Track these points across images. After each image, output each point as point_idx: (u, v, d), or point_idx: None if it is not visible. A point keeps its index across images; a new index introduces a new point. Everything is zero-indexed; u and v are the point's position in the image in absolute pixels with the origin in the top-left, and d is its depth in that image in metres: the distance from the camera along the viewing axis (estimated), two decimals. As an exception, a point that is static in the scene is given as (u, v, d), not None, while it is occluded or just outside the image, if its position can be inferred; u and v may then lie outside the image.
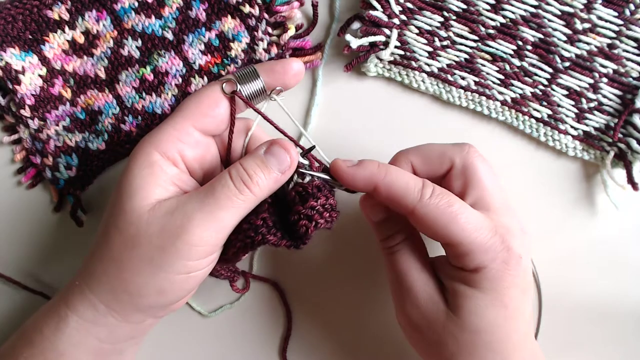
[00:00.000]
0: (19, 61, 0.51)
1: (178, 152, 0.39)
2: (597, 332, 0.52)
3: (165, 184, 0.38)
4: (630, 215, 0.52)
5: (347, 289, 0.53)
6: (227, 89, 0.40)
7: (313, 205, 0.38)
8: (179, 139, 0.39)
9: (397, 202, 0.39)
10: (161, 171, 0.38)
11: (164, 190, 0.38)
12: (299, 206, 0.38)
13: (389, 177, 0.39)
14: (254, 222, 0.38)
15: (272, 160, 0.38)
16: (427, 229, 0.39)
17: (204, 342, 0.54)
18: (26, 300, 0.53)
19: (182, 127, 0.39)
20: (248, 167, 0.38)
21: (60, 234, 0.54)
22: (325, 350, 0.53)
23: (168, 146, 0.39)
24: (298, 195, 0.39)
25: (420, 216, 0.39)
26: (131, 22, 0.52)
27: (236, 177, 0.37)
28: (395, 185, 0.39)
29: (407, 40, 0.52)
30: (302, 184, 0.39)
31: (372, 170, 0.39)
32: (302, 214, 0.38)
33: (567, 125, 0.52)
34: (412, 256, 0.42)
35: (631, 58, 0.51)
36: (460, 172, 0.41)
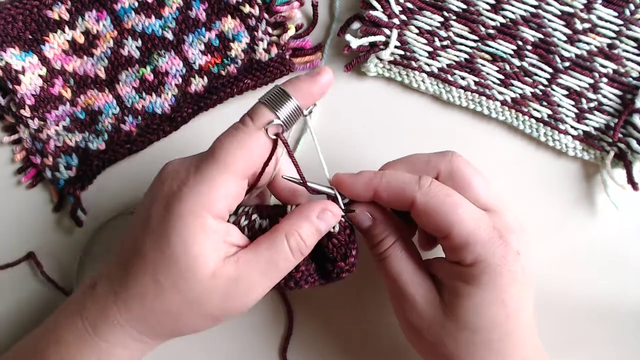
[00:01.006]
0: (19, 61, 0.51)
1: (227, 208, 0.38)
2: (597, 332, 0.52)
3: (218, 246, 0.38)
4: (630, 215, 0.52)
5: (348, 289, 0.53)
6: (272, 131, 0.37)
7: (352, 261, 0.42)
8: (228, 196, 0.38)
9: (398, 197, 0.40)
10: (214, 233, 0.37)
11: (218, 252, 0.38)
12: (341, 263, 0.41)
13: (385, 178, 0.41)
14: (293, 275, 0.41)
15: (322, 226, 0.40)
16: (427, 218, 0.39)
17: (204, 342, 0.54)
18: (30, 292, 0.54)
19: (231, 182, 0.37)
20: (306, 238, 0.39)
21: (60, 234, 0.54)
22: (326, 350, 0.53)
23: (221, 207, 0.37)
24: (336, 248, 0.41)
25: (421, 205, 0.39)
26: (131, 22, 0.52)
27: (296, 250, 0.39)
28: (393, 183, 0.40)
29: (407, 40, 0.52)
30: (335, 235, 0.41)
31: (369, 176, 0.41)
32: (345, 269, 0.42)
33: (567, 125, 0.52)
34: (403, 259, 0.42)
35: (631, 58, 0.51)
36: (448, 178, 0.42)
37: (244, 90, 0.53)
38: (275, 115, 0.37)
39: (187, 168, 0.38)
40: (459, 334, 0.39)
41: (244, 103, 0.54)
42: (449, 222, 0.39)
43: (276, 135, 0.37)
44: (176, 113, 0.53)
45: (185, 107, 0.53)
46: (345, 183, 0.42)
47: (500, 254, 0.39)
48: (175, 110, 0.53)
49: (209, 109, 0.53)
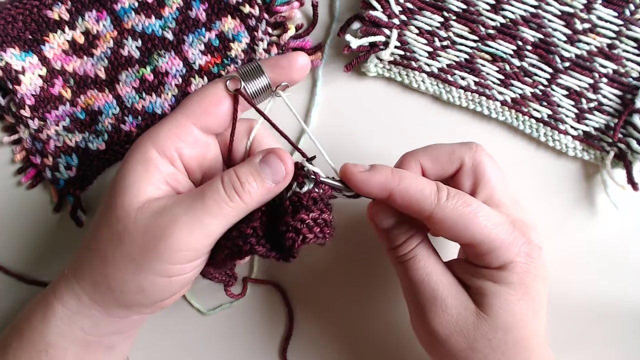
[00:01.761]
0: (19, 61, 0.51)
1: (176, 150, 0.38)
2: (597, 332, 0.52)
3: (158, 183, 0.37)
4: (630, 215, 0.52)
5: (348, 290, 0.53)
6: (230, 86, 0.38)
7: (303, 218, 0.37)
8: (178, 137, 0.38)
9: (414, 207, 0.38)
10: (156, 169, 0.37)
11: (156, 189, 0.37)
12: (288, 217, 0.37)
13: (403, 183, 0.38)
14: (243, 231, 0.37)
15: (266, 170, 0.37)
16: (446, 231, 0.38)
17: (204, 342, 0.54)
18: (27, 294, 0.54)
19: (182, 124, 0.38)
20: (241, 175, 0.36)
21: (60, 234, 0.54)
22: (326, 351, 0.53)
23: (166, 143, 0.38)
24: (292, 205, 0.37)
25: (438, 220, 0.38)
26: (131, 22, 0.52)
27: (228, 184, 0.36)
28: (411, 190, 0.38)
29: (407, 41, 0.52)
30: (298, 193, 0.38)
31: (386, 176, 0.38)
32: (291, 225, 0.36)
33: (567, 125, 0.52)
34: (431, 260, 0.40)
35: (631, 58, 0.51)
36: (471, 170, 0.41)
37: (244, 90, 0.53)
38: (240, 75, 0.39)
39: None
40: (493, 334, 0.38)
41: (243, 103, 0.54)
42: (470, 232, 0.38)
43: (236, 90, 0.38)
44: (176, 113, 0.53)
45: (185, 107, 0.53)
46: (356, 179, 0.39)
47: (525, 252, 0.39)
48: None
49: (209, 109, 0.53)
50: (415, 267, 0.40)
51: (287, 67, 0.39)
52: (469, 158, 0.41)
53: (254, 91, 0.39)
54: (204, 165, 0.41)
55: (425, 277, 0.39)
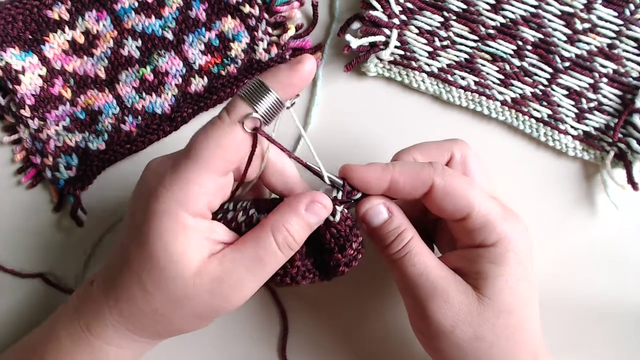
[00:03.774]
0: (19, 61, 0.51)
1: (206, 206, 0.37)
2: (597, 332, 0.52)
3: (200, 243, 0.37)
4: (630, 215, 0.52)
5: (338, 284, 0.53)
6: (249, 126, 0.35)
7: (350, 253, 0.39)
8: (205, 193, 0.36)
9: (415, 182, 0.39)
10: (195, 232, 0.36)
11: (201, 250, 0.37)
12: (337, 255, 0.39)
13: (398, 167, 0.39)
14: (289, 271, 0.40)
15: (312, 218, 0.38)
16: (447, 200, 0.39)
17: (202, 344, 0.54)
18: (28, 294, 0.54)
19: (207, 178, 0.36)
20: (294, 232, 0.37)
21: (60, 234, 0.54)
22: (325, 346, 0.53)
23: (197, 204, 0.36)
24: (334, 238, 0.39)
25: (440, 188, 0.39)
26: (131, 22, 0.52)
27: (284, 245, 0.37)
28: (407, 170, 0.39)
29: (407, 40, 0.52)
30: (334, 225, 0.39)
31: (382, 166, 0.40)
32: (342, 262, 0.40)
33: (567, 125, 0.52)
34: (425, 253, 0.40)
35: (631, 58, 0.51)
36: (460, 163, 0.42)
37: (244, 90, 0.53)
38: (253, 108, 0.35)
39: (166, 166, 0.37)
40: (496, 319, 0.39)
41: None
42: (469, 202, 0.38)
43: (254, 129, 0.35)
44: (176, 113, 0.53)
45: (185, 107, 0.53)
46: (356, 173, 0.40)
47: (518, 229, 0.39)
48: (175, 110, 0.53)
49: (209, 109, 0.53)
50: (412, 263, 0.40)
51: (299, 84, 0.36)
52: (458, 151, 0.42)
53: (265, 112, 0.35)
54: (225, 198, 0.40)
55: (423, 270, 0.39)
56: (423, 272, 0.39)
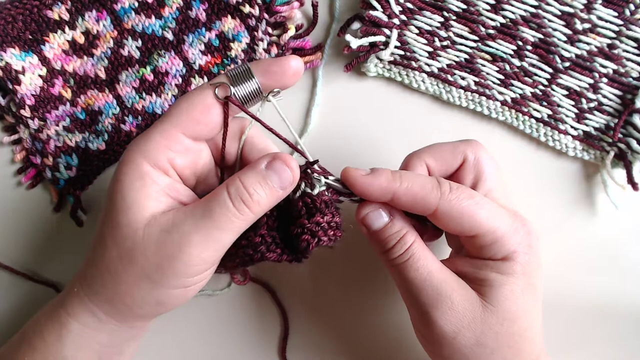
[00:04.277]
0: (19, 61, 0.51)
1: (169, 161, 0.37)
2: (597, 332, 0.52)
3: (158, 196, 0.37)
4: (630, 215, 0.52)
5: (337, 285, 0.53)
6: (220, 93, 0.37)
7: (319, 221, 0.37)
8: (168, 148, 0.37)
9: (419, 204, 0.38)
10: (153, 183, 0.37)
11: (158, 203, 0.37)
12: (304, 219, 0.37)
13: (405, 182, 0.38)
14: (252, 240, 0.37)
15: (273, 177, 0.36)
16: (451, 224, 0.39)
17: (202, 346, 0.54)
18: (28, 292, 0.54)
19: (172, 135, 0.37)
20: (248, 185, 0.36)
21: (60, 234, 0.54)
22: (324, 346, 0.53)
23: (158, 156, 0.37)
24: (305, 207, 0.37)
25: (444, 213, 0.38)
26: (131, 22, 0.52)
27: (235, 197, 0.35)
28: (414, 188, 0.38)
29: (407, 40, 0.52)
30: (310, 194, 0.37)
31: (387, 178, 0.38)
32: (307, 228, 0.37)
33: (567, 125, 0.52)
34: (428, 257, 0.39)
35: (631, 58, 0.51)
36: (473, 165, 0.42)
37: (244, 90, 0.53)
38: (230, 82, 0.37)
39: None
40: (500, 326, 0.38)
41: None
42: (476, 223, 0.38)
43: (226, 98, 0.36)
44: (176, 113, 0.53)
45: (185, 107, 0.53)
46: (358, 183, 0.38)
47: (526, 242, 0.39)
48: (175, 110, 0.53)
49: (209, 109, 0.53)
50: (415, 267, 0.39)
51: (279, 73, 0.37)
52: (471, 153, 0.42)
53: (243, 95, 0.37)
54: (197, 170, 0.40)
55: (427, 275, 0.39)
56: (426, 277, 0.38)
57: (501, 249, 0.39)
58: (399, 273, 0.40)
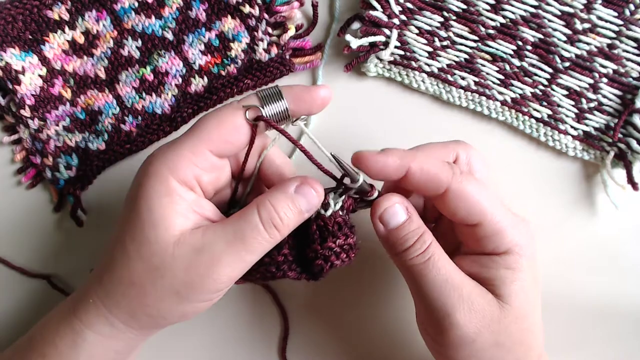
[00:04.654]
0: (19, 61, 0.51)
1: (195, 178, 0.38)
2: (597, 332, 0.52)
3: (186, 212, 0.37)
4: (630, 215, 0.52)
5: (337, 285, 0.53)
6: (250, 115, 0.37)
7: (331, 246, 0.38)
8: (196, 165, 0.37)
9: (432, 182, 0.38)
10: (181, 199, 0.37)
11: (186, 220, 0.37)
12: (317, 245, 0.38)
13: (418, 158, 0.38)
14: (275, 258, 0.39)
15: (302, 201, 0.37)
16: (459, 207, 0.38)
17: (202, 346, 0.54)
18: (27, 292, 0.54)
19: (200, 151, 0.37)
20: (279, 209, 0.36)
21: (60, 234, 0.54)
22: (325, 347, 0.53)
23: (186, 172, 0.37)
24: (318, 230, 0.38)
25: (455, 194, 0.38)
26: (131, 22, 0.52)
27: (267, 221, 0.36)
28: (427, 165, 0.38)
29: (407, 40, 0.52)
30: (323, 217, 0.38)
31: (400, 155, 0.38)
32: (320, 254, 0.38)
33: (567, 125, 0.52)
34: (447, 257, 0.39)
35: (631, 58, 0.51)
36: (465, 164, 0.42)
37: (244, 90, 0.53)
38: (260, 103, 0.38)
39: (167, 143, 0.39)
40: (514, 324, 0.38)
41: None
42: (482, 209, 0.38)
43: (256, 119, 0.37)
44: (176, 113, 0.53)
45: (185, 107, 0.53)
46: (371, 160, 0.38)
47: (526, 237, 0.39)
48: (175, 110, 0.53)
49: (209, 109, 0.53)
50: (436, 267, 0.37)
51: (309, 102, 0.38)
52: (463, 152, 0.42)
53: (271, 116, 0.38)
54: (218, 186, 0.41)
55: (449, 276, 0.37)
56: (448, 278, 0.38)
57: (503, 240, 0.38)
58: (417, 274, 0.38)
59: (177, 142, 0.38)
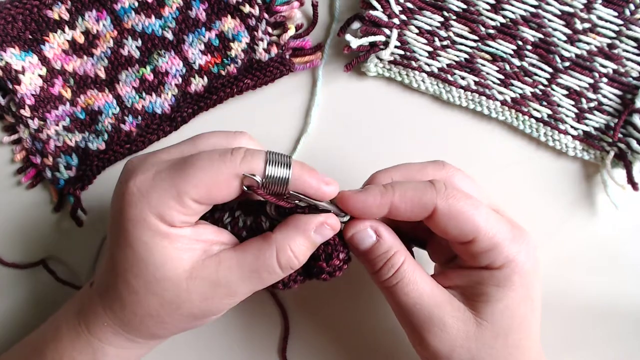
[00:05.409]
0: (19, 61, 0.51)
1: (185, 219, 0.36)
2: (597, 332, 0.52)
3: (190, 245, 0.36)
4: (630, 215, 0.52)
5: (337, 285, 0.53)
6: (247, 182, 0.35)
7: (335, 263, 0.39)
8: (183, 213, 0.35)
9: (417, 207, 0.37)
10: (179, 237, 0.36)
11: (192, 252, 0.36)
12: (322, 263, 0.39)
13: (398, 191, 0.37)
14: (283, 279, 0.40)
15: (318, 238, 0.37)
16: (450, 225, 0.37)
17: (202, 346, 0.54)
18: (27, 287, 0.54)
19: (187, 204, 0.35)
20: (299, 254, 0.37)
21: (60, 234, 0.54)
22: (324, 347, 0.53)
23: (173, 219, 0.35)
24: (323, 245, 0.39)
25: (443, 213, 0.36)
26: (131, 22, 0.52)
27: (286, 266, 0.37)
28: (409, 192, 0.37)
29: (407, 40, 0.52)
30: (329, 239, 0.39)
31: (380, 191, 0.37)
32: (326, 271, 0.40)
33: (567, 125, 0.52)
34: (419, 280, 0.38)
35: (631, 58, 0.51)
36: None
37: (244, 90, 0.53)
38: (264, 169, 0.35)
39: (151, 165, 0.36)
40: (494, 341, 0.38)
41: (244, 103, 0.54)
42: (474, 225, 0.36)
43: (248, 187, 0.35)
44: (176, 113, 0.53)
45: (185, 107, 0.53)
46: (354, 202, 0.37)
47: (525, 250, 0.38)
48: (175, 110, 0.53)
49: (209, 109, 0.53)
50: (404, 292, 0.38)
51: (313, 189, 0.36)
52: (439, 176, 0.40)
53: (271, 178, 0.35)
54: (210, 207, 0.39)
55: (417, 300, 0.38)
56: (417, 301, 0.38)
57: (499, 256, 0.37)
58: (388, 295, 0.39)
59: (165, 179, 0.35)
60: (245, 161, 0.35)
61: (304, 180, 0.36)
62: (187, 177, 0.34)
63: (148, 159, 0.37)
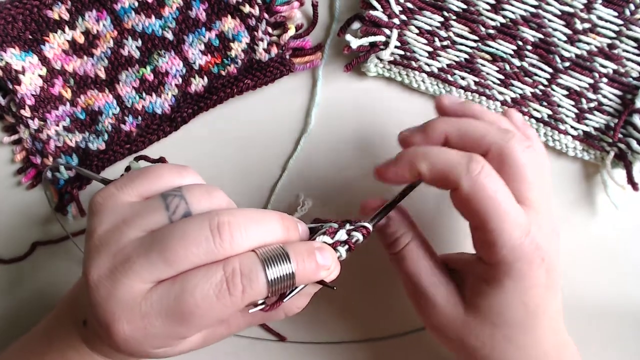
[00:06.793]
0: (19, 61, 0.51)
1: None
2: (597, 332, 0.52)
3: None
4: (630, 215, 0.52)
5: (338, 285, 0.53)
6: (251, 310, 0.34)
7: None
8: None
9: (442, 180, 0.37)
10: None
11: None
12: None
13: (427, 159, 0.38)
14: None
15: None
16: (466, 207, 0.37)
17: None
18: (29, 290, 0.54)
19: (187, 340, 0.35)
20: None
21: (60, 234, 0.54)
22: (325, 346, 0.53)
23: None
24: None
25: (464, 193, 0.36)
26: (131, 22, 0.52)
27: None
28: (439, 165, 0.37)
29: (407, 40, 0.52)
30: None
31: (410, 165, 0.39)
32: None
33: (567, 125, 0.52)
34: (420, 259, 0.41)
35: (631, 58, 0.51)
36: (497, 161, 0.38)
37: (244, 90, 0.53)
38: (267, 283, 0.31)
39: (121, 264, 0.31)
40: (481, 329, 0.40)
41: (244, 103, 0.54)
42: (486, 216, 0.36)
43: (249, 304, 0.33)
44: (176, 113, 0.53)
45: (185, 107, 0.53)
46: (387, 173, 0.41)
47: (527, 259, 0.37)
48: (175, 111, 0.53)
49: (209, 109, 0.53)
50: (406, 266, 0.42)
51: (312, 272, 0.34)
52: (497, 147, 0.38)
53: (273, 279, 0.31)
54: None
55: (415, 276, 0.41)
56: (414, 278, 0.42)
57: (496, 253, 0.37)
58: (395, 265, 0.43)
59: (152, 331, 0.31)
60: (247, 294, 0.31)
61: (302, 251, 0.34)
62: (188, 325, 0.31)
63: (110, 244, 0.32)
